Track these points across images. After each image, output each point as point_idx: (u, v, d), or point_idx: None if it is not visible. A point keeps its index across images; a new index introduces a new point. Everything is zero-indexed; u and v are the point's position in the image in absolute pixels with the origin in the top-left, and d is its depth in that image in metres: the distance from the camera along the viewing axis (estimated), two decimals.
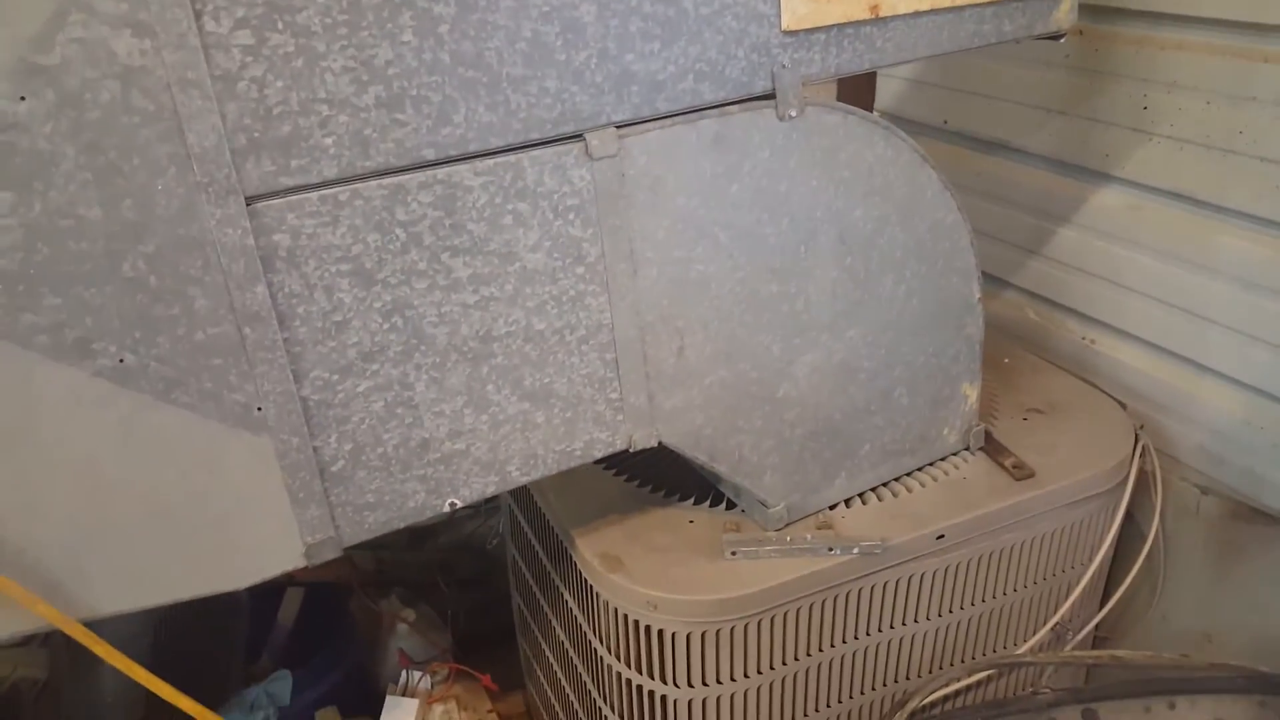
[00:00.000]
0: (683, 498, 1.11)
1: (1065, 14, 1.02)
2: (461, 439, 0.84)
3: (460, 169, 0.76)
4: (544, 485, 1.12)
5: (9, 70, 0.59)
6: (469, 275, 0.79)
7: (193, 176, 0.66)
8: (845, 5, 0.86)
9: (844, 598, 1.03)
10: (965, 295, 1.08)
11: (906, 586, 1.07)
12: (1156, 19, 1.16)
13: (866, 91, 1.62)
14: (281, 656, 1.42)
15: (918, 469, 1.14)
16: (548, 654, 1.29)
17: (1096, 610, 1.25)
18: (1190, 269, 1.18)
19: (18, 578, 0.69)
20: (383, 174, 0.73)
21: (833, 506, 1.09)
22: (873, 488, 1.11)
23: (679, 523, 1.07)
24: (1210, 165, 1.13)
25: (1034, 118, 1.35)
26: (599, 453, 0.92)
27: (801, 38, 0.86)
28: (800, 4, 0.84)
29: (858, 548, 1.01)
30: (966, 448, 1.17)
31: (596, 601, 1.02)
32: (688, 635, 0.97)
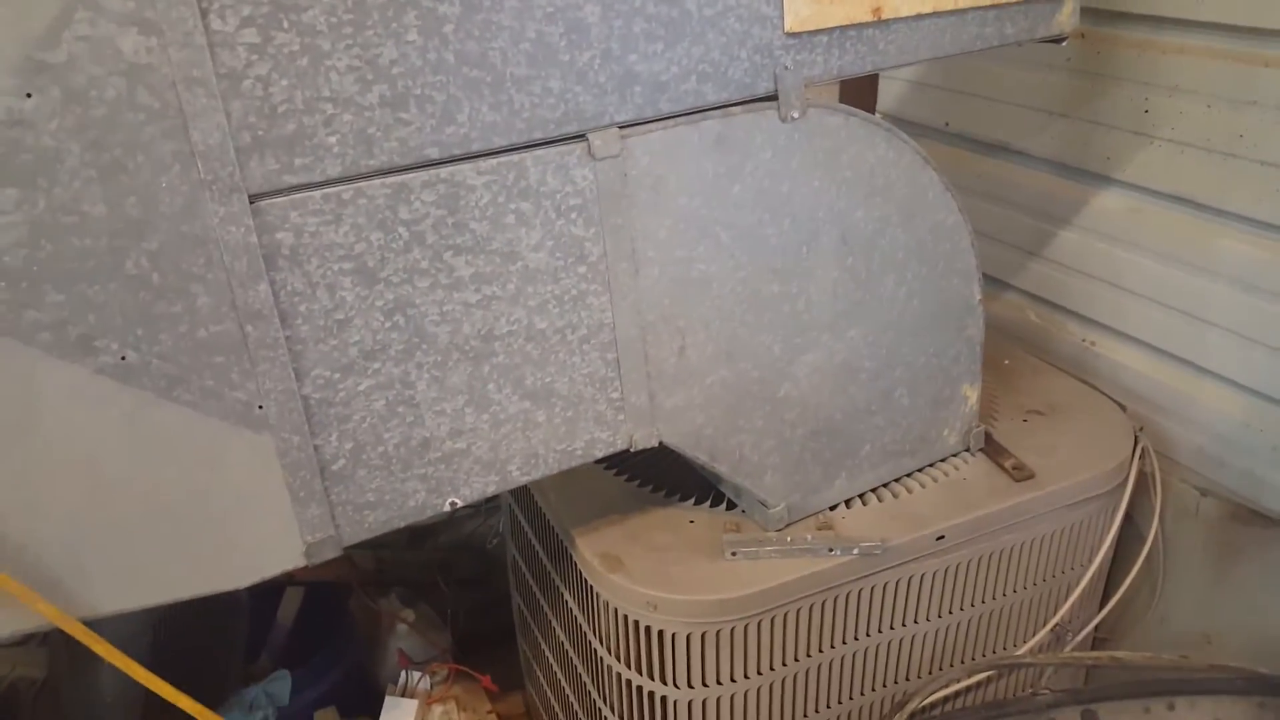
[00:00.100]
0: (683, 498, 1.11)
1: (1067, 17, 1.02)
2: (462, 438, 0.84)
3: (463, 168, 0.76)
4: (544, 484, 1.12)
5: (15, 67, 0.59)
6: (471, 274, 0.79)
7: (196, 174, 0.66)
8: (848, 7, 0.86)
9: (844, 598, 1.03)
10: (966, 296, 1.08)
11: (906, 587, 1.07)
12: (1158, 23, 1.17)
13: (869, 93, 1.63)
14: (281, 656, 1.42)
15: (918, 470, 1.14)
16: (547, 654, 1.29)
17: (1096, 611, 1.25)
18: (1191, 272, 1.18)
19: (18, 575, 0.69)
20: (386, 173, 0.73)
21: (833, 507, 1.09)
22: (873, 488, 1.11)
23: (679, 523, 1.07)
24: (1211, 169, 1.13)
25: (1035, 120, 1.36)
26: (600, 452, 0.92)
27: (804, 40, 0.86)
28: (803, 6, 0.84)
29: (858, 548, 1.01)
30: (966, 449, 1.17)
31: (596, 602, 1.02)
32: (688, 636, 0.97)
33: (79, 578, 0.72)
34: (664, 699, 1.01)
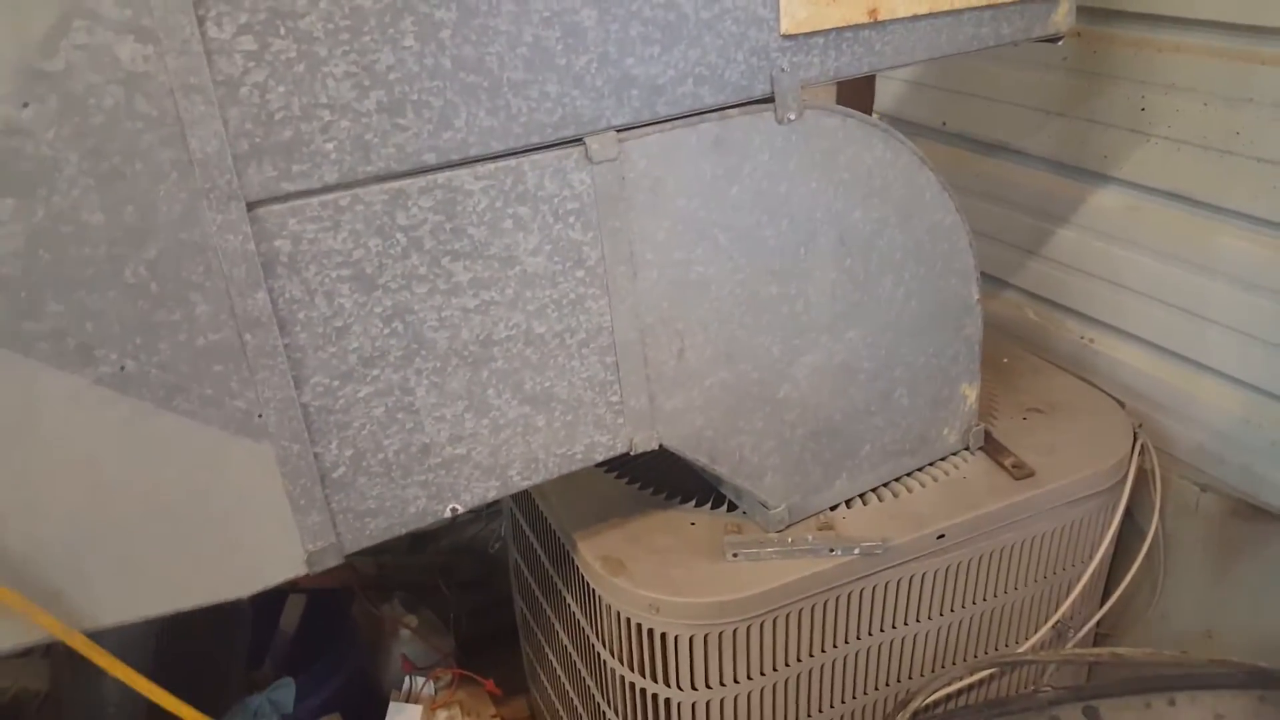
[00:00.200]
0: (684, 500, 1.11)
1: (1063, 17, 1.02)
2: (462, 444, 0.84)
3: (461, 173, 0.76)
4: (545, 488, 1.12)
5: (12, 76, 0.59)
6: (469, 279, 0.79)
7: (194, 182, 0.66)
8: (844, 9, 0.86)
9: (845, 598, 1.03)
10: (964, 296, 1.08)
11: (908, 586, 1.07)
12: (1154, 21, 1.17)
13: (866, 93, 1.63)
14: (284, 663, 1.42)
15: (918, 469, 1.14)
16: (551, 657, 1.29)
17: (1097, 608, 1.25)
18: (1189, 269, 1.19)
19: (19, 588, 0.68)
20: (384, 179, 0.73)
21: (833, 507, 1.09)
22: (873, 488, 1.11)
23: (680, 525, 1.07)
24: (1208, 166, 1.14)
25: (1033, 119, 1.36)
26: (600, 456, 0.92)
27: (800, 41, 0.86)
28: (799, 8, 0.84)
29: (859, 548, 1.01)
30: (966, 448, 1.17)
31: (599, 604, 1.02)
32: (690, 638, 0.97)
33: (80, 589, 0.72)
34: (667, 701, 1.01)
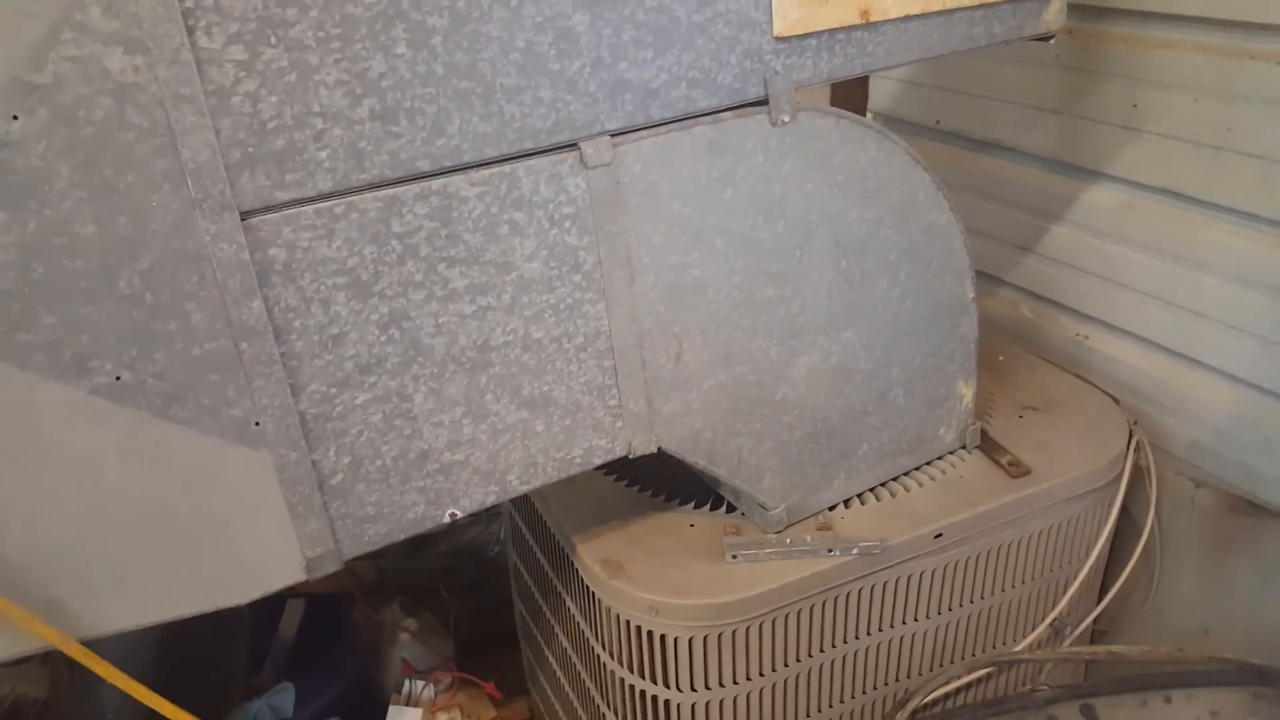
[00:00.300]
0: (683, 501, 1.11)
1: (1054, 15, 1.02)
2: (460, 449, 0.84)
3: (455, 180, 0.76)
4: (544, 491, 1.12)
5: (1, 89, 0.59)
6: (466, 285, 0.79)
7: (187, 192, 0.66)
8: (836, 10, 0.86)
9: (844, 598, 1.04)
10: (959, 295, 1.08)
11: (906, 586, 1.07)
12: (1144, 18, 1.17)
13: (860, 93, 1.63)
14: (284, 668, 1.42)
15: (915, 468, 1.15)
16: (550, 660, 1.29)
17: (1094, 605, 1.26)
18: (1182, 265, 1.19)
19: (17, 597, 0.68)
20: (378, 186, 0.73)
21: (832, 508, 1.09)
22: (871, 488, 1.12)
23: (679, 526, 1.07)
24: (1200, 162, 1.14)
25: (1026, 117, 1.36)
26: (598, 460, 0.92)
27: (793, 44, 0.86)
28: (791, 10, 0.84)
29: (857, 548, 1.01)
30: (963, 446, 1.17)
31: (598, 607, 1.02)
32: (689, 639, 0.97)
33: (78, 598, 0.72)
34: (667, 703, 1.01)
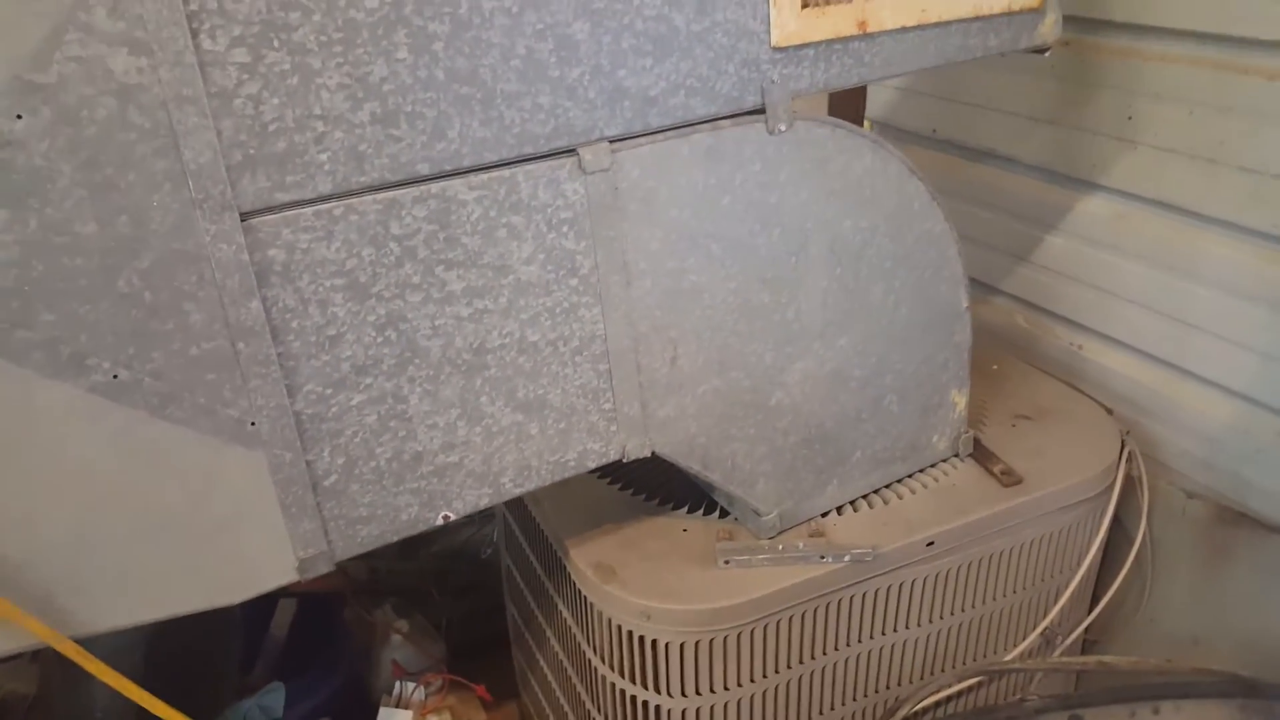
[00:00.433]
0: (676, 506, 1.11)
1: (1050, 28, 1.03)
2: (455, 451, 0.84)
3: (454, 183, 0.76)
4: (538, 494, 1.12)
5: (5, 88, 0.59)
6: (463, 288, 0.80)
7: (188, 192, 0.66)
8: (834, 21, 0.87)
9: (835, 605, 1.04)
10: (953, 303, 1.09)
11: (897, 593, 1.08)
12: (1140, 31, 1.18)
13: (857, 101, 1.64)
14: (275, 668, 1.42)
15: (908, 476, 1.15)
16: (542, 663, 1.29)
17: (1085, 614, 1.26)
18: (1176, 276, 1.20)
19: (10, 594, 0.68)
20: (377, 189, 0.74)
21: (825, 514, 1.09)
22: (864, 495, 1.12)
23: (672, 531, 1.07)
24: (1194, 174, 1.15)
25: (1022, 127, 1.37)
26: (593, 463, 0.92)
27: (791, 54, 0.87)
28: (789, 20, 0.85)
29: (849, 555, 1.02)
30: (956, 454, 1.18)
31: (590, 611, 1.02)
32: (681, 645, 0.97)
33: (71, 595, 0.72)
34: (658, 708, 1.02)
